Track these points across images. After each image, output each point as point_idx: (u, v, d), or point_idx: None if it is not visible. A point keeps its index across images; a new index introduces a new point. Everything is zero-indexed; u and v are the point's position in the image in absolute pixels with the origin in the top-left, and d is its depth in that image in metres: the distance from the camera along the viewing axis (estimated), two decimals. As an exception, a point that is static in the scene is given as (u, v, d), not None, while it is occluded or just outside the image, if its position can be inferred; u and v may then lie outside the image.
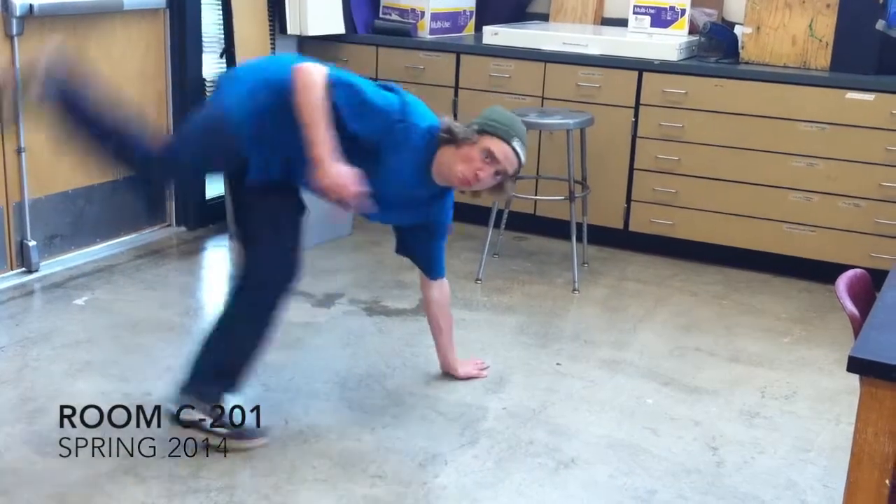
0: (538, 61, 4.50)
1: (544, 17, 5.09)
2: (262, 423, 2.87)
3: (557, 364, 3.36)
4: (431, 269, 3.08)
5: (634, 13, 4.66)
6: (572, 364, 3.37)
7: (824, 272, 4.13)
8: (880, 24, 3.98)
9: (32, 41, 3.80)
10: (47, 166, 3.97)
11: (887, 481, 1.65)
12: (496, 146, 2.75)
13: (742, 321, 3.80)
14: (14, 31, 3.71)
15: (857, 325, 1.89)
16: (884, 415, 1.63)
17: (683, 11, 4.54)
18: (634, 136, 4.38)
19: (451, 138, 2.74)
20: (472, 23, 5.12)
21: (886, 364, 1.59)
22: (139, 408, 2.92)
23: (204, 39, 4.53)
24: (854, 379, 1.65)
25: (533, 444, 2.83)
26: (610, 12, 4.97)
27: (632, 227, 4.49)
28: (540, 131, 4.49)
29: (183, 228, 4.62)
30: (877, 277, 2.24)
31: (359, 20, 4.95)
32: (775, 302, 4.01)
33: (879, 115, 3.93)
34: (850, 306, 1.95)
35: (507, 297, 3.96)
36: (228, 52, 4.63)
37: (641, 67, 4.30)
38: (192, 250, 4.39)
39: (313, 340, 3.47)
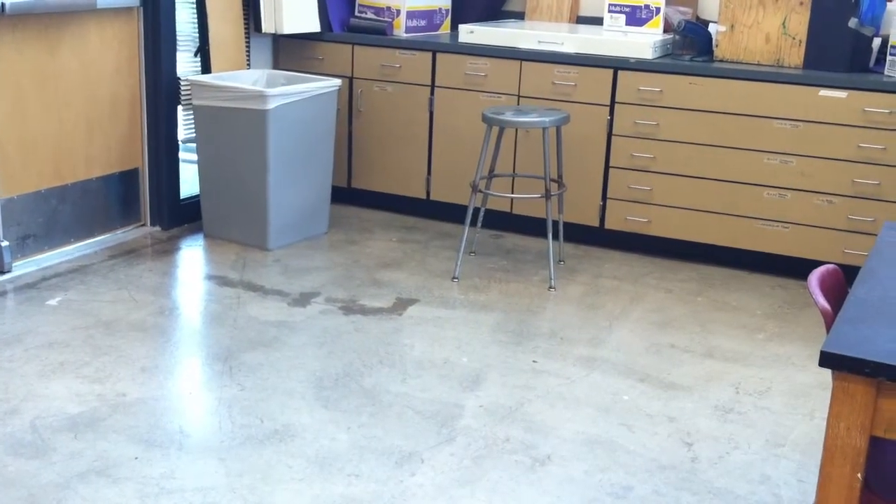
0: (514, 59, 4.51)
1: (520, 16, 5.10)
2: (238, 423, 2.86)
3: (534, 361, 3.37)
4: None
5: (609, 11, 4.67)
6: (549, 361, 3.37)
7: (798, 268, 4.17)
8: (853, 22, 4.01)
9: (4, 41, 3.77)
10: (19, 165, 3.93)
11: (859, 475, 1.66)
12: None
13: (717, 318, 3.82)
14: (-15, 30, 3.68)
15: (830, 321, 1.90)
16: (856, 409, 1.63)
17: (658, 10, 4.56)
18: (610, 134, 4.39)
19: None
20: (447, 21, 5.12)
21: (858, 359, 1.60)
22: (113, 409, 2.91)
23: (178, 38, 4.50)
24: (827, 374, 1.66)
25: (509, 441, 2.83)
26: (585, 10, 4.98)
27: (607, 225, 4.50)
28: (516, 129, 4.50)
29: (157, 228, 4.59)
30: (850, 273, 2.25)
31: (334, 18, 4.94)
32: (749, 298, 4.04)
33: (852, 112, 3.96)
34: (823, 301, 1.96)
35: (483, 295, 3.96)
36: (203, 51, 4.61)
37: (617, 66, 4.31)
38: (166, 250, 4.36)
39: (289, 339, 3.46)
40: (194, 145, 4.53)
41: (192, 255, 4.34)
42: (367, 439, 2.81)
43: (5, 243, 3.89)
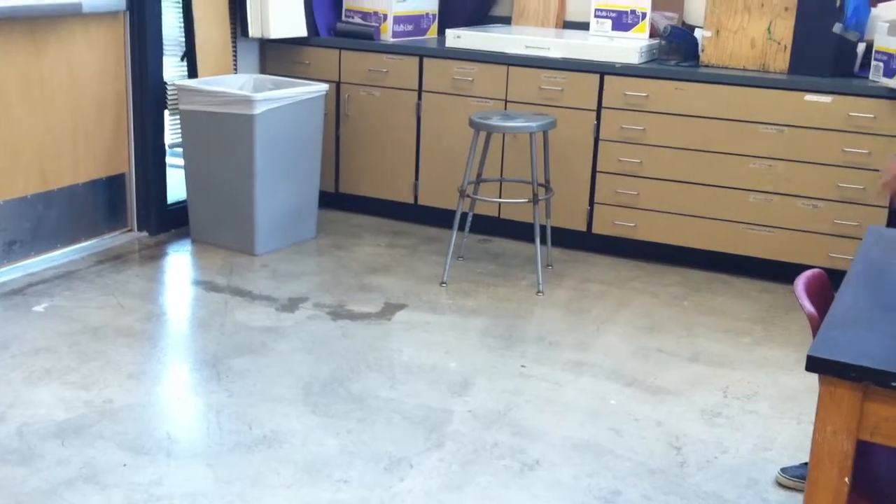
0: (501, 64, 4.51)
1: (506, 21, 5.11)
2: (226, 429, 2.85)
3: (522, 366, 3.37)
4: None
5: (596, 17, 4.69)
6: (537, 366, 3.38)
7: (784, 272, 4.18)
8: (837, 27, 4.04)
9: (-11, 44, 3.75)
10: (5, 171, 3.92)
11: (847, 479, 1.67)
12: None
13: (703, 322, 3.84)
14: (-30, 35, 3.66)
15: (816, 325, 1.91)
16: (842, 413, 1.64)
17: (644, 15, 4.58)
18: (597, 139, 4.40)
19: None
20: (434, 26, 5.12)
21: (844, 363, 1.61)
22: (100, 415, 2.90)
23: (164, 42, 4.49)
24: (814, 378, 1.67)
25: (498, 446, 2.84)
26: (571, 16, 4.99)
27: (595, 229, 4.51)
28: (503, 134, 4.50)
29: (144, 233, 4.57)
30: (835, 277, 2.26)
31: (321, 23, 4.94)
32: (736, 302, 4.05)
33: (836, 117, 3.98)
34: (809, 306, 1.97)
35: (471, 300, 3.96)
36: (189, 55, 4.60)
37: (603, 71, 4.33)
38: (153, 255, 4.35)
39: (277, 345, 3.45)
40: (181, 150, 4.52)
41: (180, 261, 4.33)
42: (356, 445, 2.81)
43: (-9, 249, 3.88)
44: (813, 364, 1.62)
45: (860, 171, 4.00)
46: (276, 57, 4.98)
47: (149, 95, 4.42)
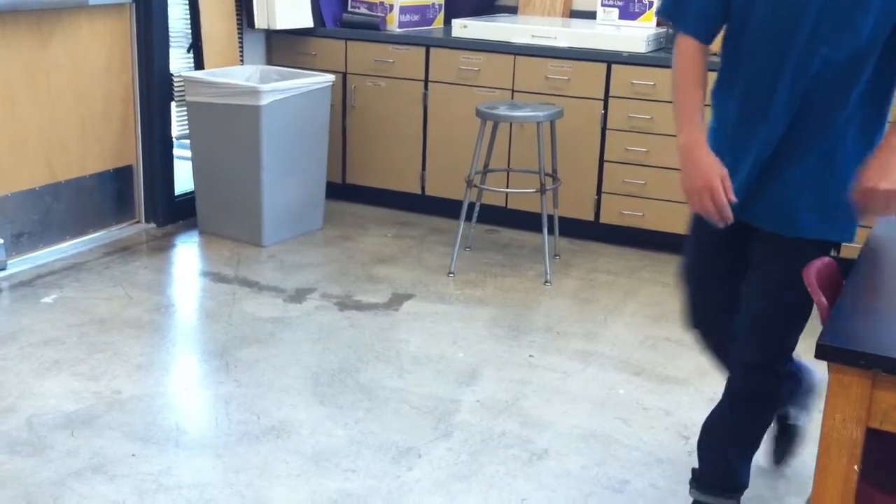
0: (507, 54, 4.50)
1: (513, 10, 5.10)
2: (234, 420, 2.86)
3: (530, 356, 3.37)
4: None
5: (602, 5, 4.68)
6: (545, 356, 3.38)
7: (793, 261, 4.17)
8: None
9: (-4, 37, 3.76)
10: (12, 163, 3.92)
11: (856, 467, 1.66)
12: None
13: (712, 311, 3.83)
14: (-23, 27, 3.66)
15: (825, 313, 1.90)
16: (851, 401, 1.64)
17: (651, 3, 4.56)
18: (604, 128, 4.39)
19: None
20: (440, 16, 5.11)
21: (853, 351, 1.60)
22: (109, 406, 2.91)
23: (171, 34, 4.49)
24: (823, 366, 1.67)
25: (506, 435, 2.84)
26: (578, 5, 4.98)
27: (602, 219, 4.50)
28: (510, 124, 4.50)
29: (152, 225, 4.58)
30: (845, 266, 2.25)
31: (327, 14, 4.93)
32: (745, 291, 4.04)
33: (845, 105, 3.96)
34: (818, 294, 1.96)
35: (479, 290, 3.96)
36: (195, 47, 4.60)
37: (610, 60, 4.31)
38: (161, 247, 4.36)
39: (285, 335, 3.46)
40: (188, 142, 4.52)
41: (187, 252, 4.34)
42: (364, 435, 2.81)
43: (0, 241, 3.89)
44: (822, 352, 1.62)
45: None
46: (283, 48, 4.98)
47: (155, 87, 4.42)
